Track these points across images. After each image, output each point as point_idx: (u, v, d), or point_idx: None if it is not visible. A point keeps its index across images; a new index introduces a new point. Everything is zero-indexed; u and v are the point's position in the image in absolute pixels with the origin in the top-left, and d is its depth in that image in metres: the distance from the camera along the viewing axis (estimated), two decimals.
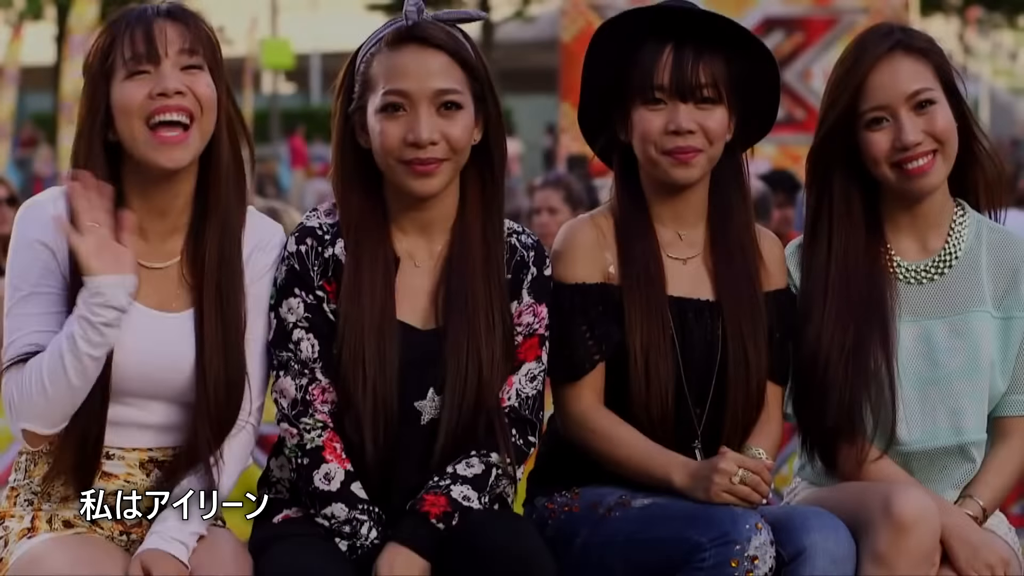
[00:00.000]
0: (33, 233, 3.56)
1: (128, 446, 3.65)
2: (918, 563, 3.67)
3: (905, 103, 3.87)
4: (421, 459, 3.71)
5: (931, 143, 3.87)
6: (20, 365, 3.52)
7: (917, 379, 3.92)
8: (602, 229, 3.93)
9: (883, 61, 3.89)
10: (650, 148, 3.86)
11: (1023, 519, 7.14)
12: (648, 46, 3.88)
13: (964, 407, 3.92)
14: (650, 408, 3.83)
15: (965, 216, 4.01)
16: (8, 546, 3.63)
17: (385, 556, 3.58)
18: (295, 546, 3.62)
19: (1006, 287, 3.97)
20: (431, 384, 3.71)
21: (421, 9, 3.74)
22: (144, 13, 3.58)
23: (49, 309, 3.54)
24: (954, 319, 3.95)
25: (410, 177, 3.69)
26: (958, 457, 3.94)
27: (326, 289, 3.70)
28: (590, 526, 3.77)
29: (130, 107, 3.53)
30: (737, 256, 3.91)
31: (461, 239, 3.76)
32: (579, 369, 3.86)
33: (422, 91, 3.69)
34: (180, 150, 3.55)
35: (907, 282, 3.97)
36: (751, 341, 3.87)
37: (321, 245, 3.71)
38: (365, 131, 3.75)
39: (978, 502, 3.89)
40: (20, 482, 3.72)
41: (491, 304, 3.73)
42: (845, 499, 3.81)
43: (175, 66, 3.55)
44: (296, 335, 3.69)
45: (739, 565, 3.56)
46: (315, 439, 3.67)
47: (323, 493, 3.64)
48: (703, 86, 3.84)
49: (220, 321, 3.61)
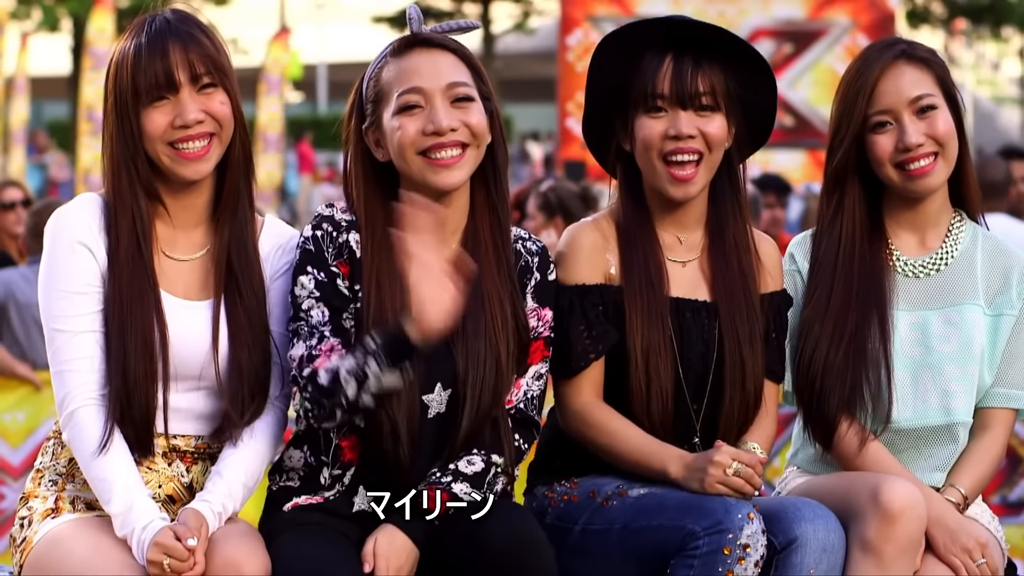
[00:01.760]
0: (72, 235, 3.63)
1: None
2: (905, 550, 3.69)
3: (908, 107, 3.95)
4: (430, 451, 3.71)
5: (932, 145, 3.94)
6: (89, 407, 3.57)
7: (911, 363, 3.97)
8: (604, 232, 3.94)
9: (889, 69, 3.96)
10: (652, 154, 3.87)
11: (1002, 508, 7.18)
12: (648, 57, 3.89)
13: (954, 390, 3.96)
14: (650, 406, 3.84)
15: (963, 222, 4.09)
16: (32, 525, 3.65)
17: (380, 534, 3.60)
18: (303, 535, 3.62)
19: (998, 288, 4.04)
20: (439, 379, 3.71)
21: (421, 17, 3.77)
22: (158, 36, 3.63)
23: (94, 308, 3.61)
24: (948, 310, 4.01)
25: (431, 172, 3.69)
26: (945, 437, 3.97)
27: (340, 269, 3.70)
28: (588, 514, 3.78)
29: (155, 135, 3.64)
30: (733, 260, 3.93)
31: (473, 241, 3.77)
32: (576, 366, 3.86)
33: (436, 86, 3.70)
34: (202, 163, 3.66)
35: (905, 275, 4.04)
36: (747, 341, 3.88)
37: (337, 231, 3.72)
38: (380, 146, 3.76)
39: (959, 490, 3.93)
40: (46, 464, 3.75)
41: (504, 302, 3.74)
42: (835, 489, 3.82)
43: (192, 91, 3.64)
44: (307, 305, 3.67)
45: (731, 553, 3.57)
46: (314, 375, 3.58)
47: (332, 378, 3.53)
48: (702, 94, 3.85)
49: (241, 306, 3.67)
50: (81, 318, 3.60)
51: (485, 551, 3.50)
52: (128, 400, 3.58)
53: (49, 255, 3.65)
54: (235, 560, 3.49)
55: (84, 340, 3.60)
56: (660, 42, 3.89)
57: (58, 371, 3.62)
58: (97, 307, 3.61)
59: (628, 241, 3.92)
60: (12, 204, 8.75)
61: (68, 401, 3.60)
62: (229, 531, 3.56)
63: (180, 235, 3.72)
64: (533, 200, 8.80)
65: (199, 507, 3.55)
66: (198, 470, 3.70)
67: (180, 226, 3.72)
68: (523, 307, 3.79)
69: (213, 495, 3.58)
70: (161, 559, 3.44)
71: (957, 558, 3.77)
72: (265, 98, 21.08)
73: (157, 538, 3.45)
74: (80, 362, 3.60)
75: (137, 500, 3.52)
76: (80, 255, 3.62)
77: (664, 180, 3.88)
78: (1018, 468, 7.48)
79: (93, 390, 3.59)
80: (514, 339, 3.75)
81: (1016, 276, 4.03)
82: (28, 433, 7.36)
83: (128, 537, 3.50)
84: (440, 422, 3.72)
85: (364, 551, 3.59)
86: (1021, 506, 7.49)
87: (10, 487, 7.30)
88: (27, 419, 7.36)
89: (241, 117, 3.71)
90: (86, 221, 3.64)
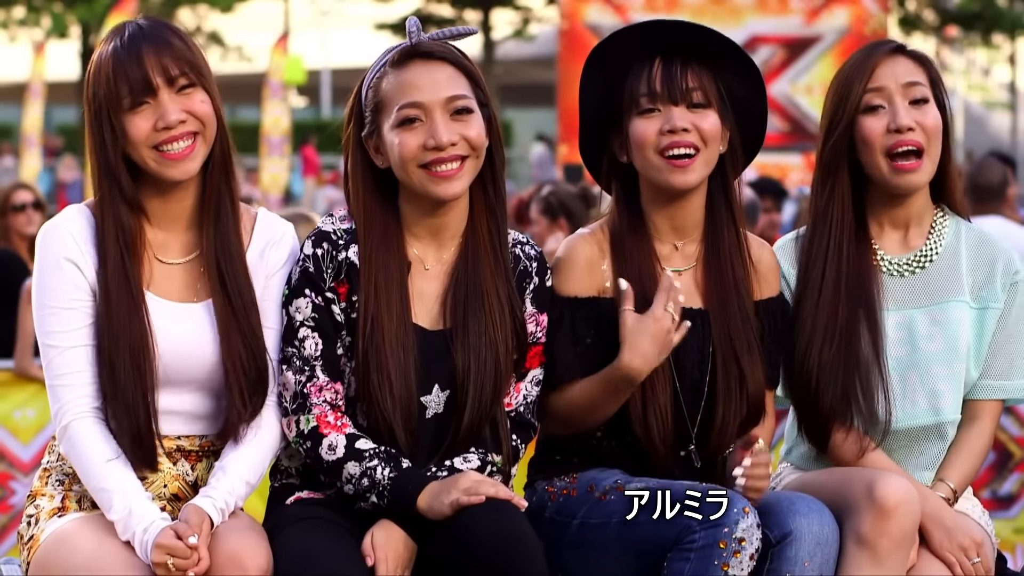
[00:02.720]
0: (58, 251, 3.61)
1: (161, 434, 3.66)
2: (899, 544, 3.68)
3: (901, 91, 3.95)
4: (428, 450, 3.71)
5: (921, 134, 3.93)
6: (87, 419, 3.58)
7: (898, 363, 3.96)
8: (600, 244, 3.92)
9: (887, 57, 3.97)
10: (648, 152, 3.85)
11: (991, 503, 7.18)
12: (637, 63, 3.87)
13: (942, 389, 3.95)
14: (647, 420, 3.81)
15: (945, 218, 4.07)
16: (39, 523, 3.64)
17: (377, 528, 3.59)
18: (305, 528, 3.61)
19: (983, 280, 4.01)
20: (436, 381, 3.71)
21: (420, 28, 3.76)
22: (132, 43, 3.62)
23: (84, 323, 3.60)
24: (933, 308, 3.99)
25: (432, 183, 3.69)
26: (934, 436, 3.97)
27: (337, 291, 3.70)
28: (587, 508, 3.77)
29: (139, 139, 3.62)
30: (728, 270, 3.91)
31: (472, 244, 3.77)
32: (559, 380, 3.85)
33: (435, 100, 3.70)
34: (188, 162, 3.64)
35: (890, 274, 4.02)
36: (742, 348, 3.87)
37: (336, 249, 3.71)
38: (379, 152, 3.76)
39: (949, 484, 3.92)
40: (52, 463, 3.74)
41: (503, 302, 3.74)
42: (830, 484, 3.82)
43: (171, 92, 3.62)
44: (302, 333, 3.69)
45: (727, 546, 3.57)
46: (309, 421, 3.66)
47: (334, 463, 3.64)
48: (693, 89, 3.84)
49: (234, 306, 3.65)
50: (71, 333, 3.60)
51: (474, 546, 3.48)
52: (121, 410, 3.57)
53: (38, 271, 3.65)
54: (238, 554, 3.48)
55: (75, 355, 3.60)
56: (647, 49, 3.87)
57: (52, 385, 3.62)
58: (87, 321, 3.60)
59: (622, 254, 3.89)
60: (23, 206, 8.87)
61: (62, 415, 3.60)
62: (232, 526, 3.56)
63: (172, 239, 3.71)
64: (535, 206, 8.82)
65: (201, 503, 3.54)
66: (203, 467, 3.70)
67: (170, 230, 3.70)
68: (520, 307, 3.78)
69: (216, 491, 3.58)
70: (165, 560, 3.44)
71: (953, 555, 3.77)
72: (269, 103, 21.08)
73: (159, 539, 3.45)
74: (72, 376, 3.60)
75: (135, 504, 3.52)
76: (67, 271, 3.61)
77: (664, 171, 3.84)
78: (1008, 463, 7.48)
79: (86, 403, 3.60)
80: (512, 338, 3.75)
81: (1001, 268, 4.01)
82: (38, 430, 7.38)
83: (131, 540, 3.50)
84: (438, 423, 3.73)
85: (363, 545, 3.59)
86: (1011, 500, 7.49)
87: (20, 482, 7.32)
88: (37, 416, 7.38)
89: (221, 117, 3.70)
90: (72, 235, 3.62)
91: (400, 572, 3.58)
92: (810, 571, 3.64)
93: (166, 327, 3.63)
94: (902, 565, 3.70)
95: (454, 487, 3.54)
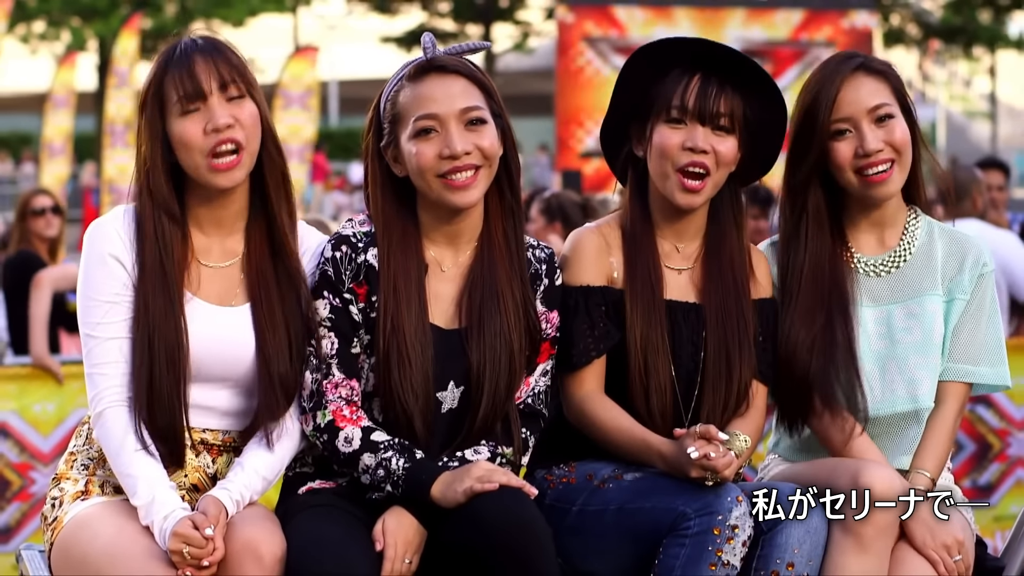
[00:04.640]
0: (103, 248, 3.65)
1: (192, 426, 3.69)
2: (883, 532, 3.70)
3: (867, 116, 3.94)
4: (442, 444, 3.73)
5: (890, 152, 3.94)
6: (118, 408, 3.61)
7: (877, 356, 3.98)
8: (607, 238, 3.95)
9: (848, 80, 3.95)
10: (665, 163, 3.88)
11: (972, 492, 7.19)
12: (676, 72, 3.90)
13: (919, 377, 3.97)
14: (649, 399, 3.85)
15: (918, 219, 4.09)
16: (63, 506, 3.66)
17: (389, 515, 3.61)
18: (316, 515, 3.62)
19: (953, 273, 4.04)
20: (451, 378, 3.73)
21: (435, 44, 3.79)
22: (185, 53, 3.66)
23: (124, 316, 3.64)
24: (910, 302, 4.02)
25: (449, 192, 3.71)
26: (912, 422, 3.98)
27: (356, 292, 3.72)
28: (586, 495, 3.79)
29: (191, 144, 3.64)
30: (728, 271, 3.94)
31: (488, 248, 3.79)
32: (578, 361, 3.88)
33: (450, 111, 3.72)
34: (235, 172, 3.66)
35: (867, 274, 4.04)
36: (733, 342, 3.89)
37: (355, 252, 3.73)
38: (398, 162, 3.78)
39: (925, 474, 3.92)
40: (79, 447, 3.77)
41: (517, 303, 3.77)
42: (817, 473, 3.82)
43: (220, 100, 3.64)
44: (319, 333, 3.71)
45: (721, 533, 3.58)
46: (325, 415, 3.68)
47: (350, 455, 3.66)
48: (722, 115, 3.87)
49: (275, 311, 3.68)
50: (111, 325, 3.63)
51: (486, 531, 3.49)
52: (153, 402, 3.60)
53: (84, 265, 3.68)
54: (254, 541, 3.50)
55: (113, 346, 3.63)
56: (688, 61, 3.90)
57: (90, 373, 3.66)
58: (127, 315, 3.64)
59: (632, 246, 3.93)
60: (43, 210, 8.94)
61: (97, 401, 3.63)
62: (246, 515, 3.58)
63: (215, 243, 3.73)
64: (536, 204, 8.88)
65: (219, 495, 3.56)
66: (223, 462, 3.72)
67: (214, 235, 3.73)
68: (535, 307, 3.81)
69: (233, 484, 3.60)
70: (181, 547, 3.45)
71: (936, 553, 3.77)
72: (282, 112, 21.09)
73: (176, 528, 3.47)
74: (109, 366, 3.63)
75: (159, 492, 3.54)
76: (110, 267, 3.64)
77: (674, 187, 3.88)
78: (987, 454, 7.49)
79: (120, 392, 3.62)
80: (526, 337, 3.78)
81: (970, 262, 4.02)
82: (57, 422, 7.39)
83: (151, 526, 3.52)
84: (453, 417, 3.74)
85: (374, 531, 3.60)
86: (990, 490, 7.50)
87: (40, 472, 7.34)
88: (56, 409, 7.40)
89: (271, 128, 3.72)
90: (118, 233, 3.66)
91: (409, 557, 3.59)
92: (799, 557, 3.65)
93: (204, 329, 3.65)
94: (885, 551, 3.72)
95: (467, 475, 3.55)
